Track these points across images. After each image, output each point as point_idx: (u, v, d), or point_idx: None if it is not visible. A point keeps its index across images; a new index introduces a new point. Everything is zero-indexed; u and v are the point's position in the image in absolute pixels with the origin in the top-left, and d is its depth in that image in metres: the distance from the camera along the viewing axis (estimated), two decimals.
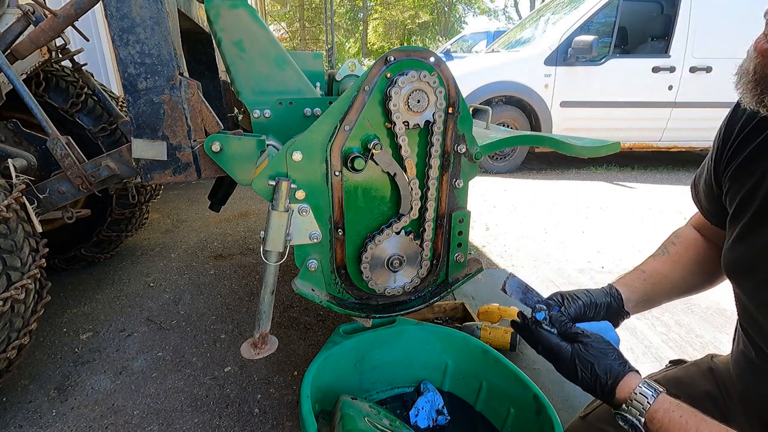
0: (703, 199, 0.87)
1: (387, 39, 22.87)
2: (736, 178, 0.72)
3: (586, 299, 0.84)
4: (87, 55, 2.28)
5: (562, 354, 0.76)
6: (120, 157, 1.33)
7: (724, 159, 0.75)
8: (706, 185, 0.84)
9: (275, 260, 0.93)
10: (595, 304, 0.84)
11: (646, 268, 0.91)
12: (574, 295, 0.86)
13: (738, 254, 0.71)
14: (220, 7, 1.31)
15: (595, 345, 0.73)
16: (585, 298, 0.85)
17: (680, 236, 0.95)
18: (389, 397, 1.29)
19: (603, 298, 0.85)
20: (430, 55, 0.95)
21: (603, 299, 0.85)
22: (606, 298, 0.85)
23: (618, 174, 4.90)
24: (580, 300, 0.84)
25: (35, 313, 1.28)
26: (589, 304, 0.84)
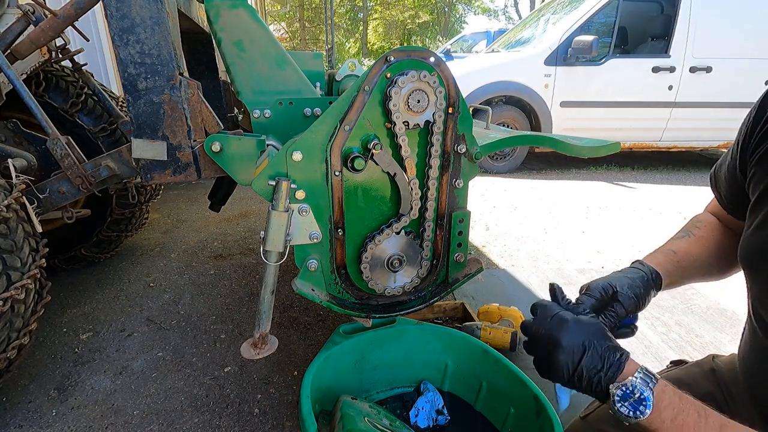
0: (723, 187, 0.85)
1: (387, 39, 22.88)
2: (763, 163, 0.70)
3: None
4: (87, 55, 2.28)
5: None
6: (120, 157, 1.33)
7: (752, 143, 0.73)
8: (729, 172, 0.82)
9: (275, 260, 0.93)
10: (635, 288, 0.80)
11: (676, 249, 0.88)
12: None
13: (759, 241, 0.68)
14: (220, 7, 1.31)
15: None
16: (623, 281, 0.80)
17: (702, 221, 0.93)
18: (389, 397, 1.29)
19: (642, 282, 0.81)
20: (430, 55, 0.95)
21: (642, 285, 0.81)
22: (650, 284, 0.82)
23: (618, 174, 4.90)
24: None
25: (35, 313, 1.28)
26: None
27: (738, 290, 2.19)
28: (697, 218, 0.95)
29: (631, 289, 0.79)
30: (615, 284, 0.79)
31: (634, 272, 0.83)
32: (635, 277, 0.82)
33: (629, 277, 0.82)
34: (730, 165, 0.82)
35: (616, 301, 0.78)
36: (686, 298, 2.12)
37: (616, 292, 0.79)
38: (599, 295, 0.79)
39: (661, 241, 0.95)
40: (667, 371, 0.92)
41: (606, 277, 0.83)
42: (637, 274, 0.82)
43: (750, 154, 0.73)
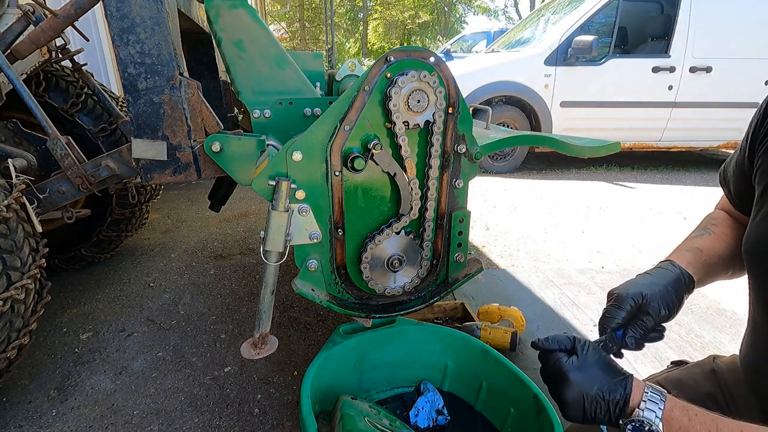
0: (732, 182, 0.84)
1: (387, 39, 22.88)
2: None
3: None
4: (87, 55, 2.28)
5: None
6: (120, 157, 1.33)
7: (760, 133, 0.73)
8: (737, 167, 0.81)
9: (275, 260, 0.93)
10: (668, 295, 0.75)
11: (701, 246, 0.84)
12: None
13: (763, 232, 0.67)
14: (220, 7, 1.31)
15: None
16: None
17: (716, 218, 0.90)
18: (389, 397, 1.29)
19: (676, 286, 0.76)
20: (430, 55, 0.95)
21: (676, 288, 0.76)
22: (683, 289, 0.77)
23: (618, 174, 4.90)
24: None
25: (35, 313, 1.28)
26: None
27: (738, 290, 2.20)
28: (711, 216, 0.93)
29: (663, 300, 0.74)
30: (646, 294, 0.74)
31: (665, 276, 0.78)
32: (667, 283, 0.76)
33: (661, 284, 0.76)
34: (738, 159, 0.82)
35: (646, 314, 0.73)
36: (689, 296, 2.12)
37: (647, 303, 0.74)
38: (629, 307, 0.74)
39: (661, 243, 0.95)
40: (668, 371, 0.92)
41: (636, 283, 0.77)
42: (670, 277, 0.77)
43: (758, 145, 0.74)
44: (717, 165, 5.44)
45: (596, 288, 2.19)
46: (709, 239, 0.87)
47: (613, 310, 0.75)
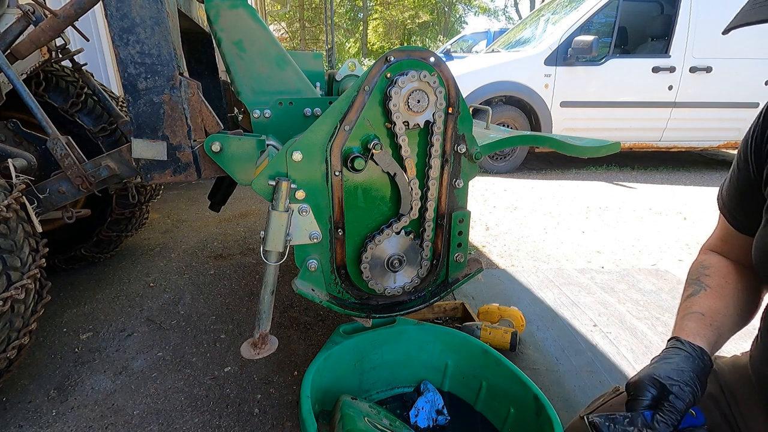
0: (730, 202, 0.79)
1: (387, 39, 22.88)
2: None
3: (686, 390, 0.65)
4: (87, 55, 2.28)
5: None
6: (120, 157, 1.33)
7: (765, 142, 0.69)
8: (739, 183, 0.76)
9: (275, 260, 0.93)
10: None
11: (702, 309, 0.77)
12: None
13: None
14: (220, 7, 1.31)
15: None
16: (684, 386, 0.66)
17: (708, 267, 0.84)
18: (389, 397, 1.29)
19: (697, 368, 0.69)
20: (430, 55, 0.95)
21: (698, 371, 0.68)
22: (699, 365, 0.69)
23: (618, 174, 4.90)
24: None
25: (35, 313, 1.28)
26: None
27: None
28: (701, 264, 0.86)
29: (678, 375, 0.67)
30: (659, 374, 0.68)
31: (675, 355, 0.71)
32: (677, 359, 0.70)
33: (670, 361, 0.70)
34: (736, 176, 0.77)
35: (669, 393, 0.65)
36: None
37: (662, 383, 0.66)
38: (649, 394, 0.66)
39: (661, 243, 0.93)
40: None
41: (647, 369, 0.71)
42: (678, 355, 0.70)
43: (765, 154, 0.70)
44: (717, 165, 5.44)
45: (596, 288, 2.19)
46: (706, 298, 0.80)
47: (634, 404, 0.68)
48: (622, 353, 1.68)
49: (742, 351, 0.87)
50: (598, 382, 1.52)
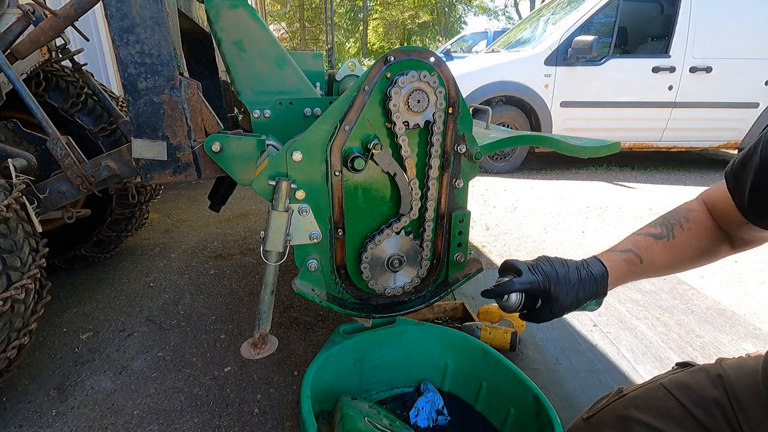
0: (753, 190, 0.73)
1: (387, 39, 22.89)
2: None
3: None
4: (87, 55, 2.28)
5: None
6: (120, 157, 1.33)
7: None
8: (757, 172, 0.71)
9: (275, 260, 0.93)
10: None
11: (646, 256, 0.84)
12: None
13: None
14: (220, 7, 1.31)
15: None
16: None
17: (692, 221, 0.86)
18: (389, 397, 1.29)
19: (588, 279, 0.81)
20: (430, 55, 0.95)
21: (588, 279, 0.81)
22: (590, 277, 0.81)
23: (618, 174, 4.90)
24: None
25: (35, 313, 1.28)
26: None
27: (738, 290, 2.20)
28: (689, 211, 0.88)
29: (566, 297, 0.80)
30: (529, 263, 0.83)
31: (588, 278, 0.81)
32: (582, 287, 0.81)
33: (562, 265, 0.82)
34: (759, 168, 0.71)
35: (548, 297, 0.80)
36: (686, 298, 2.12)
37: (552, 290, 0.80)
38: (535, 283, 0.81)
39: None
40: (673, 373, 0.90)
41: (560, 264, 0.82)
42: (588, 283, 0.81)
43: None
44: (717, 165, 5.44)
45: None
46: (661, 247, 0.84)
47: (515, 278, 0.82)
48: (622, 353, 1.68)
49: (746, 353, 0.86)
50: (598, 382, 1.52)
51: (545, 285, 0.79)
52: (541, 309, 0.82)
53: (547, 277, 0.80)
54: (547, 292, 0.79)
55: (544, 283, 0.80)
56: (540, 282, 0.80)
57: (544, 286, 0.80)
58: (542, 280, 0.80)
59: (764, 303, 2.11)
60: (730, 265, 2.48)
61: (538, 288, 0.80)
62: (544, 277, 0.80)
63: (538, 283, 0.80)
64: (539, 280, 0.80)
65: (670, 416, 0.79)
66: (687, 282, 2.27)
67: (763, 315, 2.00)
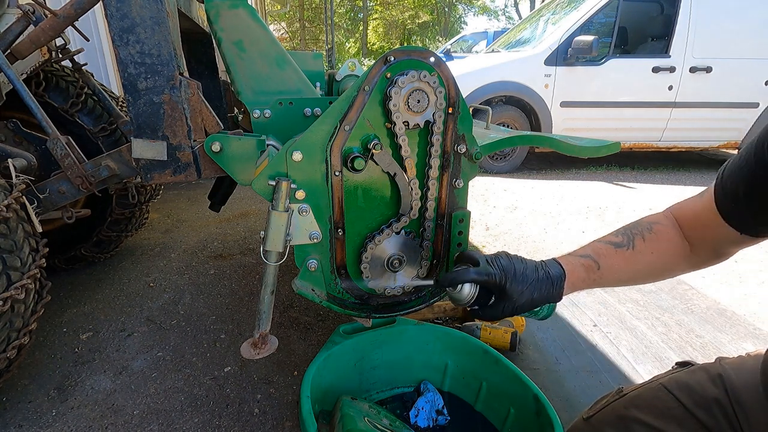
0: (741, 196, 0.72)
1: (387, 39, 22.89)
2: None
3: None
4: (87, 55, 2.28)
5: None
6: (120, 157, 1.33)
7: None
8: (743, 179, 0.71)
9: (275, 260, 0.93)
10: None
11: (604, 264, 0.83)
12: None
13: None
14: (220, 7, 1.31)
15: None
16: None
17: (654, 233, 0.85)
18: (389, 397, 1.29)
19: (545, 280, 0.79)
20: (430, 55, 0.95)
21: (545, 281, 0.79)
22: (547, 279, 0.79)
23: (618, 174, 4.90)
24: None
25: (35, 313, 1.28)
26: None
27: (738, 290, 2.20)
28: (654, 223, 0.87)
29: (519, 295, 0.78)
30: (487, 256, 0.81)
31: (545, 281, 0.79)
32: (530, 270, 0.79)
33: (521, 262, 0.80)
34: (746, 173, 0.71)
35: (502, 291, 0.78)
36: (686, 298, 2.12)
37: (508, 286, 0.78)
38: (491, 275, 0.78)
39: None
40: (673, 373, 0.90)
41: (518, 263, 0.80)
42: (545, 286, 0.79)
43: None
44: (717, 165, 5.44)
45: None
46: (621, 256, 0.83)
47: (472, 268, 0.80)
48: (622, 353, 1.68)
49: (746, 352, 0.86)
50: (598, 382, 1.52)
51: (501, 279, 0.77)
52: (494, 306, 0.79)
53: (504, 272, 0.77)
54: (503, 287, 0.77)
55: (500, 276, 0.77)
56: (496, 275, 0.77)
57: (500, 279, 0.77)
58: (498, 273, 0.77)
59: (764, 303, 2.11)
60: (730, 265, 2.48)
61: (493, 281, 0.77)
62: (501, 270, 0.77)
63: (494, 276, 0.77)
64: (495, 273, 0.77)
65: (671, 416, 0.79)
66: (687, 282, 2.27)
67: (763, 315, 2.00)
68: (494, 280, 0.77)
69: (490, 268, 0.78)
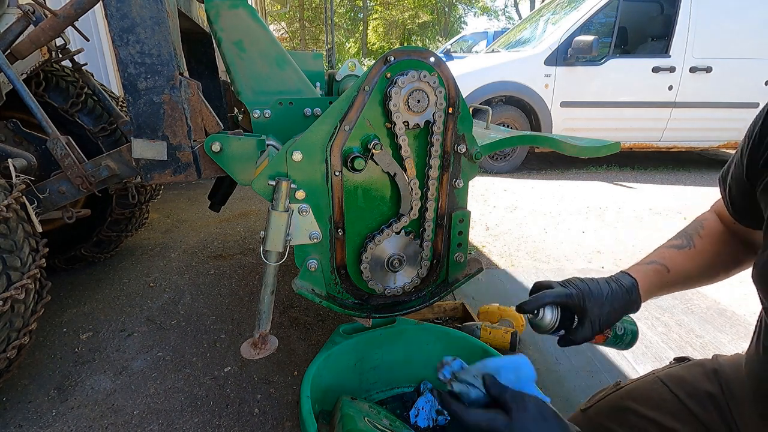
0: (732, 193, 0.78)
1: (387, 39, 22.89)
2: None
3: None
4: (87, 55, 2.28)
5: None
6: (120, 157, 1.33)
7: (763, 150, 0.65)
8: (736, 180, 0.75)
9: (275, 260, 0.93)
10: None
11: (671, 265, 0.85)
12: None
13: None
14: (220, 7, 1.31)
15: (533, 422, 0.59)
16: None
17: (706, 228, 0.88)
18: (389, 397, 1.29)
19: (618, 295, 0.80)
20: (430, 55, 0.95)
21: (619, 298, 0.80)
22: (623, 294, 0.81)
23: (618, 174, 4.90)
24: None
25: (35, 313, 1.28)
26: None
27: (738, 290, 2.20)
28: (702, 223, 0.90)
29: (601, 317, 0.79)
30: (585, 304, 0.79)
31: (619, 295, 0.81)
32: (616, 303, 0.80)
33: (607, 303, 0.80)
34: (735, 173, 0.76)
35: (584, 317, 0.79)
36: (686, 298, 2.12)
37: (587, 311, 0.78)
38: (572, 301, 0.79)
39: (661, 242, 0.93)
40: (670, 368, 0.91)
41: (583, 287, 0.81)
42: (622, 301, 0.81)
43: (761, 164, 0.66)
44: (717, 165, 5.44)
45: None
46: (684, 255, 0.86)
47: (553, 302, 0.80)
48: (621, 353, 1.68)
49: (744, 350, 0.87)
50: (598, 382, 1.52)
51: (579, 297, 0.79)
52: (578, 326, 0.80)
53: (580, 290, 0.79)
54: (583, 306, 0.79)
55: (578, 295, 0.79)
56: (574, 295, 0.79)
57: (578, 298, 0.79)
58: (576, 292, 0.79)
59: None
60: None
61: (572, 301, 0.79)
62: (577, 290, 0.80)
63: (572, 296, 0.79)
64: (572, 293, 0.79)
65: (666, 408, 0.80)
66: None
67: None
68: (573, 300, 0.79)
69: (566, 290, 0.80)
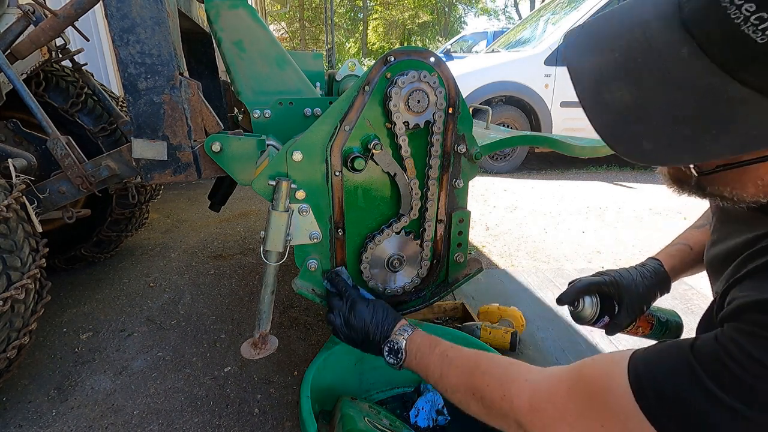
0: None
1: (387, 39, 22.91)
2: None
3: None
4: (87, 55, 2.28)
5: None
6: (120, 157, 1.33)
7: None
8: None
9: (275, 260, 0.93)
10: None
11: (693, 243, 0.93)
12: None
13: (711, 255, 0.77)
14: (220, 7, 1.31)
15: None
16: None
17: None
18: (389, 397, 1.29)
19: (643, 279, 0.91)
20: (430, 55, 0.95)
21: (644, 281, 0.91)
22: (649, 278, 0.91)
23: (618, 174, 4.90)
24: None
25: (35, 313, 1.28)
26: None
27: None
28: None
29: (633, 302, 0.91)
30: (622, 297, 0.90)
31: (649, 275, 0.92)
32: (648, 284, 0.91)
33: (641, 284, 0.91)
34: None
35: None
36: (686, 298, 2.12)
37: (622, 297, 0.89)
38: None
39: (661, 243, 0.95)
40: None
41: (616, 278, 0.90)
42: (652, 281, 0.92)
43: None
44: None
45: None
46: (705, 233, 0.91)
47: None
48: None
49: None
50: None
51: (612, 283, 0.87)
52: (621, 310, 0.89)
53: (612, 276, 0.88)
54: (620, 290, 0.86)
55: (611, 281, 0.87)
56: (607, 280, 0.87)
57: (611, 283, 0.87)
58: (608, 279, 0.88)
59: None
60: None
61: (606, 286, 0.87)
62: (609, 276, 0.88)
63: (605, 282, 0.87)
64: (605, 279, 0.88)
65: None
66: (687, 282, 2.27)
67: None
68: (608, 285, 0.88)
69: (600, 277, 0.89)
